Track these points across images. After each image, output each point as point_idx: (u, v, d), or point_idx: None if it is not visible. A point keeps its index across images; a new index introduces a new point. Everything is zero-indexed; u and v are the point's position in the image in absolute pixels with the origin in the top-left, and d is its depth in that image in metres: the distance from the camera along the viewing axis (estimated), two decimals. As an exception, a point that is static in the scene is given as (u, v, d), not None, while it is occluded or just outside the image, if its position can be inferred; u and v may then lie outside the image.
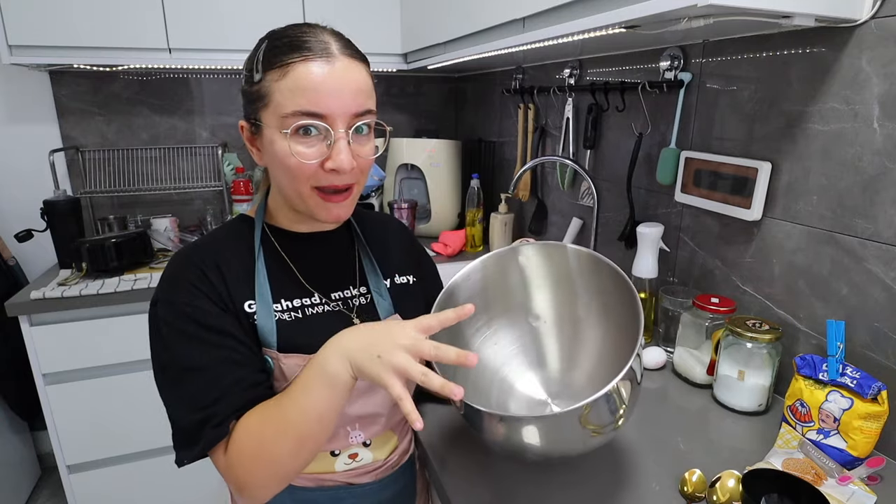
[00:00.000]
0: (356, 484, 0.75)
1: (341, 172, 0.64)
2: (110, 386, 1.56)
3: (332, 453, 0.74)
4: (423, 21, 1.59)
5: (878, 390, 0.73)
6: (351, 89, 0.63)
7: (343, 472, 0.74)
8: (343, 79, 0.63)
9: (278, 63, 0.62)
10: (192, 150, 2.00)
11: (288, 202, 0.71)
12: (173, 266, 0.68)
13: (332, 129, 0.63)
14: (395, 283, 0.81)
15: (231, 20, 1.63)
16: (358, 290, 0.77)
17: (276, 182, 0.69)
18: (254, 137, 0.68)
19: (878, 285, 0.79)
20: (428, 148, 1.94)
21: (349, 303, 0.75)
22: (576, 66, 1.46)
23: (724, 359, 0.91)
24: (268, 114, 0.64)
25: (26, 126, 1.82)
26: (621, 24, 0.81)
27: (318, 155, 0.63)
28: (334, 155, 0.63)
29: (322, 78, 0.61)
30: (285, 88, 0.61)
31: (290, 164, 0.63)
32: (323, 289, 0.74)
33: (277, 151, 0.63)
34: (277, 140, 0.63)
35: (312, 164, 0.63)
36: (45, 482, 2.03)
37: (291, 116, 0.61)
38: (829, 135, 0.85)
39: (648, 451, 0.80)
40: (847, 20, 0.78)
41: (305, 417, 0.59)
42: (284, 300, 0.70)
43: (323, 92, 0.61)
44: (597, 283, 0.78)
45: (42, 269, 1.85)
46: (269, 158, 0.67)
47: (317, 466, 0.74)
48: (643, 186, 1.25)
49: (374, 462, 0.76)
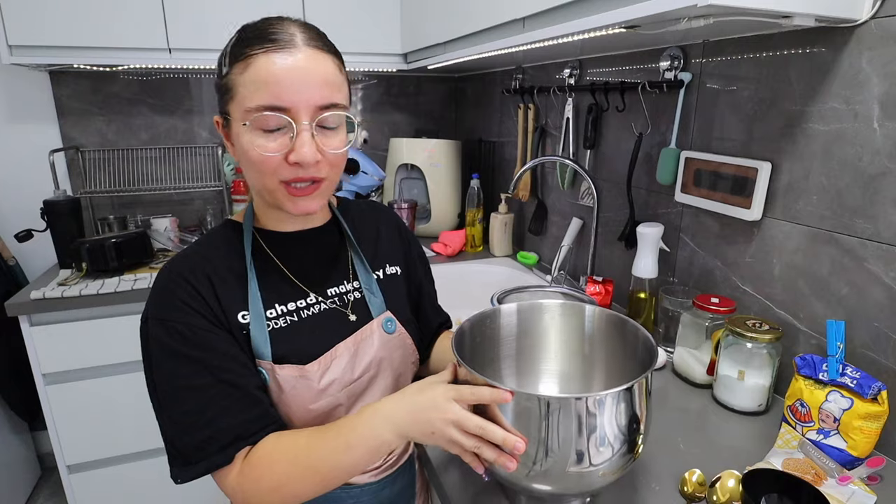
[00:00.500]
0: (355, 484, 0.75)
1: (304, 165, 0.63)
2: (110, 386, 1.56)
3: None
4: (423, 21, 1.59)
5: (878, 390, 0.73)
6: (315, 81, 0.61)
7: None
8: (306, 70, 0.61)
9: (242, 56, 0.61)
10: (192, 150, 2.00)
11: (261, 198, 0.71)
12: (163, 280, 0.66)
13: (295, 122, 0.61)
14: (386, 274, 0.81)
15: (231, 20, 1.61)
16: (352, 284, 0.77)
17: (247, 178, 0.68)
18: (227, 132, 0.67)
19: (878, 285, 0.79)
20: (428, 148, 1.94)
21: (344, 298, 0.75)
22: (576, 66, 1.46)
23: (724, 359, 0.91)
24: (234, 107, 0.63)
25: (26, 126, 1.82)
26: (621, 24, 0.81)
27: (280, 148, 0.62)
28: (297, 148, 0.61)
29: (284, 70, 0.60)
30: (248, 81, 0.60)
31: (253, 157, 0.62)
32: (317, 287, 0.74)
33: (244, 145, 0.62)
34: (243, 133, 0.62)
35: (275, 157, 0.62)
36: (45, 482, 2.03)
37: (255, 110, 0.60)
38: (829, 135, 0.85)
39: (648, 451, 0.80)
40: (847, 20, 0.78)
41: (338, 472, 0.61)
42: (278, 305, 0.70)
43: (285, 84, 0.60)
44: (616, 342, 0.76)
45: (42, 269, 1.85)
46: (238, 153, 0.66)
47: None
48: (643, 186, 1.25)
49: (378, 463, 0.76)
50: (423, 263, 0.91)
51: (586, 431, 0.56)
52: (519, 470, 0.58)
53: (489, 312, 0.78)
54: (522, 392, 0.57)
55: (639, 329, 0.70)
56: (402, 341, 0.78)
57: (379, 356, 0.74)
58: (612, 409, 0.57)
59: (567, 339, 0.80)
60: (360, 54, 1.79)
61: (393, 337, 0.76)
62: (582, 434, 0.56)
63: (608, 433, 0.57)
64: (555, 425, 0.56)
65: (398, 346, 0.77)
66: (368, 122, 2.23)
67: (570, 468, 0.57)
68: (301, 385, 0.67)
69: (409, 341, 0.79)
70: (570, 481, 0.59)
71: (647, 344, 0.67)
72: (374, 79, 2.19)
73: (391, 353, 0.76)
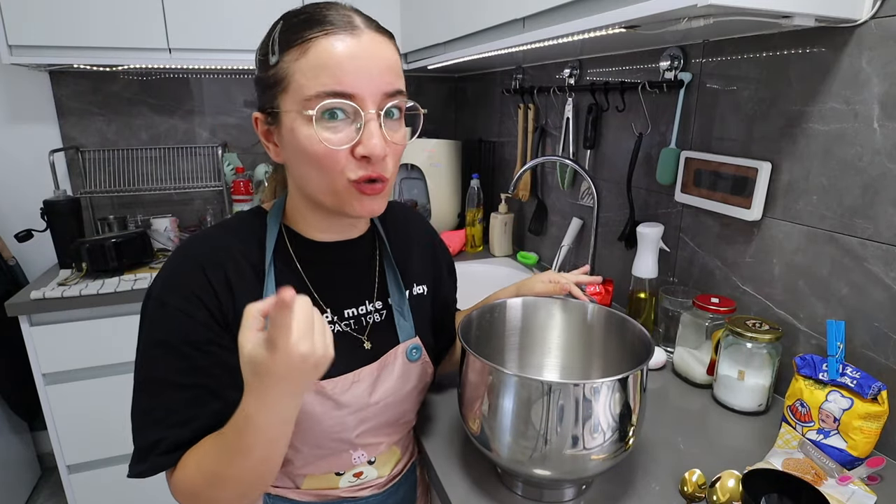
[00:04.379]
0: (359, 497, 0.74)
1: (374, 159, 0.57)
2: (110, 386, 1.56)
3: (336, 473, 0.71)
4: (423, 21, 1.59)
5: (878, 390, 0.73)
6: (380, 66, 0.56)
7: (346, 489, 0.73)
8: (371, 54, 0.55)
9: (297, 41, 0.55)
10: (192, 150, 2.00)
11: (315, 201, 0.62)
12: (177, 262, 0.61)
13: (363, 111, 0.55)
14: (412, 294, 0.76)
15: (231, 20, 1.62)
16: (374, 304, 0.71)
17: (300, 179, 0.61)
18: (270, 130, 0.61)
19: (878, 285, 0.79)
20: (428, 148, 1.94)
21: (362, 321, 0.70)
22: (576, 66, 1.46)
23: (724, 359, 0.91)
24: (287, 99, 0.56)
25: (26, 126, 1.82)
26: (621, 24, 0.81)
27: (346, 140, 0.56)
28: (365, 139, 0.56)
29: (348, 53, 0.54)
30: (307, 68, 0.54)
31: (318, 151, 0.55)
32: (336, 305, 0.68)
33: (301, 140, 0.56)
34: (300, 127, 0.56)
35: (342, 150, 0.56)
36: (45, 482, 2.03)
37: (315, 98, 0.54)
38: (829, 135, 0.84)
39: (648, 451, 0.80)
40: (847, 20, 0.78)
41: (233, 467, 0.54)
42: None
43: (349, 69, 0.54)
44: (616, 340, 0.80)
45: (42, 269, 1.85)
46: (290, 151, 0.59)
47: (320, 483, 0.71)
48: (643, 186, 1.25)
49: (378, 478, 0.75)
50: (452, 279, 0.87)
51: (582, 416, 0.60)
52: (520, 453, 0.62)
53: (496, 305, 0.82)
54: (526, 377, 0.61)
55: (636, 327, 0.74)
56: (423, 369, 0.74)
57: (397, 385, 0.71)
58: (606, 398, 0.60)
59: (568, 334, 0.85)
60: (360, 54, 1.79)
61: (415, 365, 0.73)
62: (578, 419, 0.60)
63: (602, 420, 0.60)
64: (554, 408, 0.59)
65: (417, 374, 0.73)
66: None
67: (566, 450, 0.60)
68: (315, 401, 0.63)
69: (431, 369, 0.76)
70: (566, 465, 0.62)
71: (644, 340, 0.70)
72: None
73: (409, 381, 0.72)
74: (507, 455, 0.64)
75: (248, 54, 1.68)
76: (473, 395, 0.66)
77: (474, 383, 0.66)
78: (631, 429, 0.64)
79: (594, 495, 0.71)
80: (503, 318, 0.83)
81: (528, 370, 0.86)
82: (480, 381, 0.65)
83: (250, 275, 0.63)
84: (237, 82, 2.01)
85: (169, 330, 0.59)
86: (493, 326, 0.83)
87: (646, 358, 0.65)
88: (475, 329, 0.78)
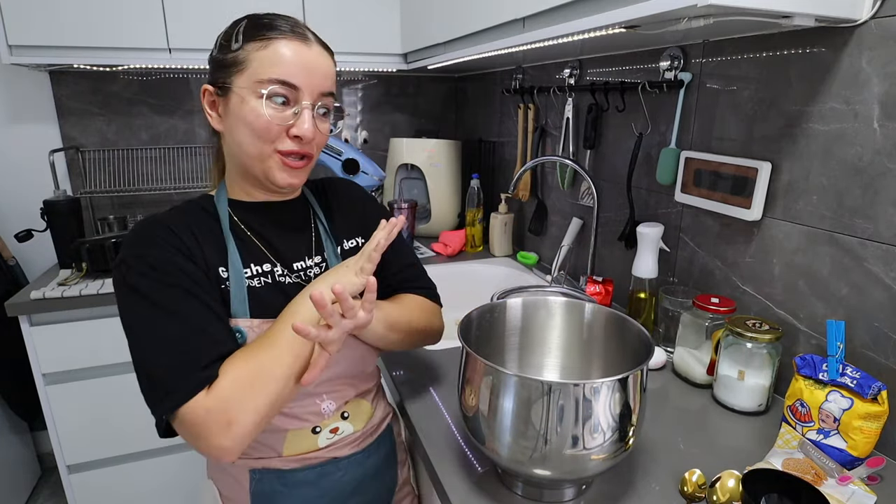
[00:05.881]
0: (340, 457, 0.80)
1: (304, 140, 0.71)
2: (110, 386, 1.56)
3: (313, 430, 0.77)
4: (423, 21, 1.59)
5: (878, 390, 0.73)
6: (321, 72, 0.71)
7: (326, 448, 0.79)
8: (316, 61, 0.71)
9: (260, 37, 0.68)
10: (192, 150, 2.00)
11: (244, 166, 0.74)
12: (140, 227, 0.69)
13: (301, 100, 0.70)
14: (344, 249, 0.85)
15: (231, 20, 1.62)
16: (314, 259, 0.81)
17: (236, 146, 0.72)
18: (216, 101, 0.73)
19: (878, 285, 0.79)
20: (428, 148, 1.94)
21: (308, 273, 0.79)
22: (576, 66, 1.46)
23: (724, 359, 0.91)
24: (242, 77, 0.69)
25: (26, 126, 1.82)
26: (621, 25, 0.81)
27: (283, 121, 0.70)
28: (299, 123, 0.70)
29: (299, 56, 0.69)
30: (265, 58, 0.68)
31: (259, 123, 0.68)
32: (284, 259, 0.78)
33: (247, 112, 0.68)
34: (249, 101, 0.68)
35: (279, 126, 0.69)
36: (45, 482, 2.03)
37: (267, 82, 0.67)
38: (829, 135, 0.85)
39: (648, 451, 0.80)
40: (847, 20, 0.78)
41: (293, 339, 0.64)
42: (254, 265, 0.74)
43: (298, 67, 0.69)
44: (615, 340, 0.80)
45: (42, 269, 1.85)
46: (232, 120, 0.70)
47: (301, 446, 0.77)
48: (643, 186, 1.25)
49: (354, 433, 0.81)
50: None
51: (582, 416, 0.60)
52: (520, 453, 0.63)
53: (496, 305, 0.83)
54: (526, 377, 0.61)
55: (636, 327, 0.74)
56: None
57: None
58: (606, 398, 0.60)
59: (568, 334, 0.85)
60: (360, 54, 1.79)
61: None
62: (578, 419, 0.60)
63: (602, 420, 0.61)
64: (554, 408, 0.60)
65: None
66: (368, 121, 2.23)
67: (566, 450, 0.61)
68: None
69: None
70: (566, 465, 0.62)
71: (644, 340, 0.70)
72: (374, 79, 2.19)
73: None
74: (507, 455, 0.64)
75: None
76: (473, 395, 0.66)
77: (474, 383, 0.66)
78: (631, 429, 0.64)
79: (594, 495, 0.71)
80: (503, 318, 0.84)
81: (528, 370, 0.86)
82: (480, 381, 0.65)
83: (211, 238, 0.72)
84: (237, 82, 2.01)
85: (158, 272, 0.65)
86: (493, 326, 0.83)
87: (646, 358, 0.65)
88: (475, 329, 0.79)
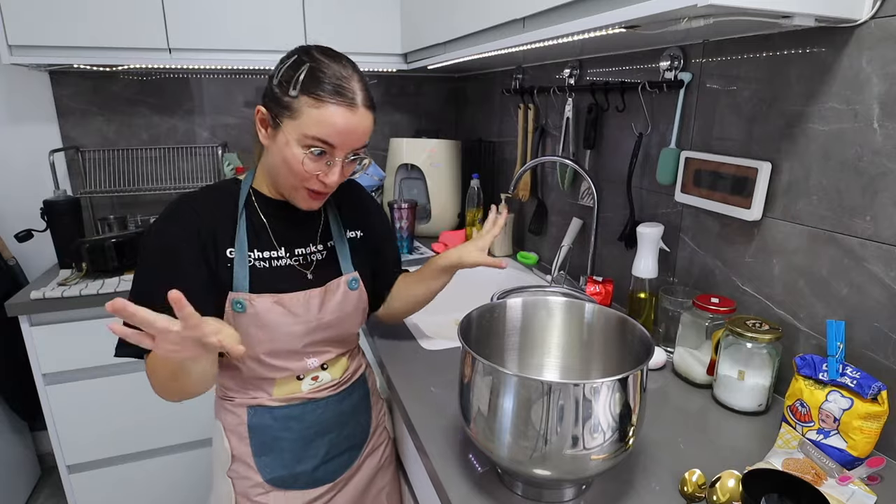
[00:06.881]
0: (319, 398, 0.94)
1: (329, 187, 0.84)
2: (110, 386, 1.56)
3: (297, 377, 0.92)
4: (423, 21, 1.59)
5: (878, 390, 0.73)
6: (359, 134, 0.81)
7: (307, 391, 0.93)
8: (358, 125, 0.80)
9: (316, 95, 0.77)
10: (192, 150, 2.00)
11: (275, 184, 0.88)
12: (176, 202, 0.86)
13: (335, 157, 0.81)
14: (348, 237, 0.98)
15: (231, 20, 1.63)
16: (317, 247, 0.94)
17: (274, 168, 0.85)
18: (267, 123, 0.83)
19: (878, 285, 0.79)
20: (428, 148, 1.94)
21: (308, 258, 0.92)
22: (576, 66, 1.46)
23: (724, 359, 0.91)
24: (292, 124, 0.79)
25: (26, 126, 1.82)
26: (621, 25, 0.81)
27: (317, 169, 0.81)
28: (329, 175, 0.82)
29: (345, 123, 0.79)
30: (315, 117, 0.77)
31: (296, 168, 0.80)
32: (288, 245, 0.90)
33: (288, 155, 0.80)
34: (292, 147, 0.79)
35: (312, 175, 0.82)
36: (45, 482, 2.03)
37: (311, 139, 0.78)
38: (829, 135, 0.85)
39: (648, 451, 0.80)
40: (847, 20, 0.78)
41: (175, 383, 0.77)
42: (257, 251, 0.87)
43: (342, 132, 0.79)
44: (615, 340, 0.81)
45: (42, 269, 1.85)
46: (277, 151, 0.82)
47: (287, 390, 0.92)
48: (643, 186, 1.25)
49: (332, 380, 0.96)
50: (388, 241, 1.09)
51: (582, 416, 0.60)
52: (520, 453, 0.63)
53: (496, 305, 0.83)
54: (526, 377, 0.62)
55: (636, 327, 0.74)
56: (360, 296, 0.96)
57: (340, 306, 0.93)
58: (606, 398, 0.61)
59: (568, 334, 0.85)
60: (360, 54, 1.78)
61: (355, 293, 0.95)
62: (578, 419, 0.60)
63: (602, 420, 0.61)
64: (554, 408, 0.60)
65: (356, 299, 0.96)
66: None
67: (566, 450, 0.61)
68: (276, 311, 0.85)
69: (365, 296, 0.98)
70: (566, 465, 0.63)
71: (644, 340, 0.70)
72: (374, 79, 2.19)
73: (349, 304, 0.95)
74: (507, 455, 0.64)
75: (248, 54, 1.68)
76: (473, 395, 0.67)
77: (474, 383, 0.66)
78: (631, 429, 0.64)
79: (594, 495, 0.71)
80: (503, 318, 0.84)
81: (528, 370, 0.86)
82: (480, 381, 0.65)
83: (227, 220, 0.86)
84: (237, 82, 2.01)
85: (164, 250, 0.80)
86: (493, 326, 0.83)
87: (646, 358, 0.65)
88: (475, 329, 0.79)
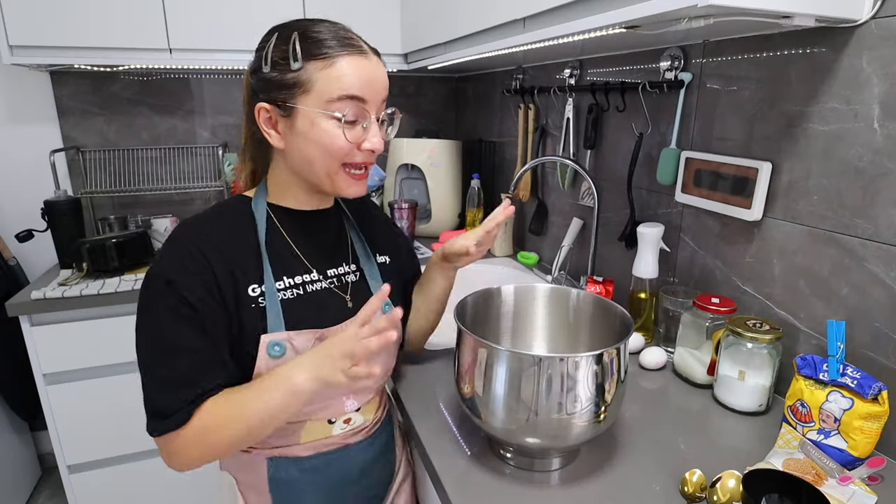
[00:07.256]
0: (350, 444, 0.84)
1: (376, 152, 0.74)
2: (110, 386, 1.56)
3: (329, 421, 0.81)
4: (423, 21, 1.60)
5: (878, 390, 0.73)
6: (381, 82, 0.73)
7: (339, 436, 0.82)
8: (376, 72, 0.72)
9: (323, 54, 0.69)
10: (192, 150, 2.00)
11: (308, 180, 0.76)
12: (176, 242, 0.71)
13: (369, 115, 0.72)
14: (377, 262, 0.89)
15: (231, 20, 1.63)
16: (349, 267, 0.84)
17: (304, 164, 0.74)
18: (276, 119, 0.73)
19: (879, 285, 0.79)
20: (428, 148, 1.94)
21: (343, 279, 0.82)
22: (576, 67, 1.46)
23: (724, 359, 0.91)
24: (309, 99, 0.69)
25: (26, 126, 1.82)
26: (621, 25, 0.81)
27: (355, 137, 0.72)
28: (370, 137, 0.72)
29: (363, 70, 0.70)
30: (334, 75, 0.69)
31: (336, 144, 0.70)
32: (320, 266, 0.80)
33: (321, 134, 0.70)
34: (320, 123, 0.70)
35: (350, 144, 0.71)
36: (45, 482, 2.03)
37: (338, 100, 0.69)
38: (829, 135, 0.85)
39: (648, 451, 0.80)
40: (847, 20, 0.78)
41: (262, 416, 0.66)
42: (286, 277, 0.75)
43: (367, 81, 0.70)
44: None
45: (42, 269, 1.85)
46: (300, 140, 0.71)
47: (316, 434, 0.80)
48: (643, 186, 1.25)
49: (364, 423, 0.86)
50: (412, 260, 1.01)
51: (566, 386, 0.67)
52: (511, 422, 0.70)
53: (490, 291, 0.90)
54: (520, 352, 0.70)
55: (618, 309, 0.81)
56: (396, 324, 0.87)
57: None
58: (586, 370, 0.68)
59: (556, 318, 0.92)
60: (360, 54, 1.79)
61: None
62: (563, 388, 0.67)
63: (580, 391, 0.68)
64: (543, 378, 0.67)
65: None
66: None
67: (552, 415, 0.68)
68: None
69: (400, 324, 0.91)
70: (552, 430, 0.69)
71: (625, 321, 0.77)
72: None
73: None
74: (500, 426, 0.71)
75: (248, 54, 1.67)
76: (469, 372, 0.73)
77: (470, 361, 0.73)
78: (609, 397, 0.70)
79: (594, 496, 0.71)
80: (497, 303, 0.91)
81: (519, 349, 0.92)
82: (475, 359, 0.72)
83: (245, 252, 0.73)
84: (237, 82, 2.01)
85: (179, 302, 0.67)
86: (487, 311, 0.90)
87: (625, 336, 0.72)
88: (470, 313, 0.85)
